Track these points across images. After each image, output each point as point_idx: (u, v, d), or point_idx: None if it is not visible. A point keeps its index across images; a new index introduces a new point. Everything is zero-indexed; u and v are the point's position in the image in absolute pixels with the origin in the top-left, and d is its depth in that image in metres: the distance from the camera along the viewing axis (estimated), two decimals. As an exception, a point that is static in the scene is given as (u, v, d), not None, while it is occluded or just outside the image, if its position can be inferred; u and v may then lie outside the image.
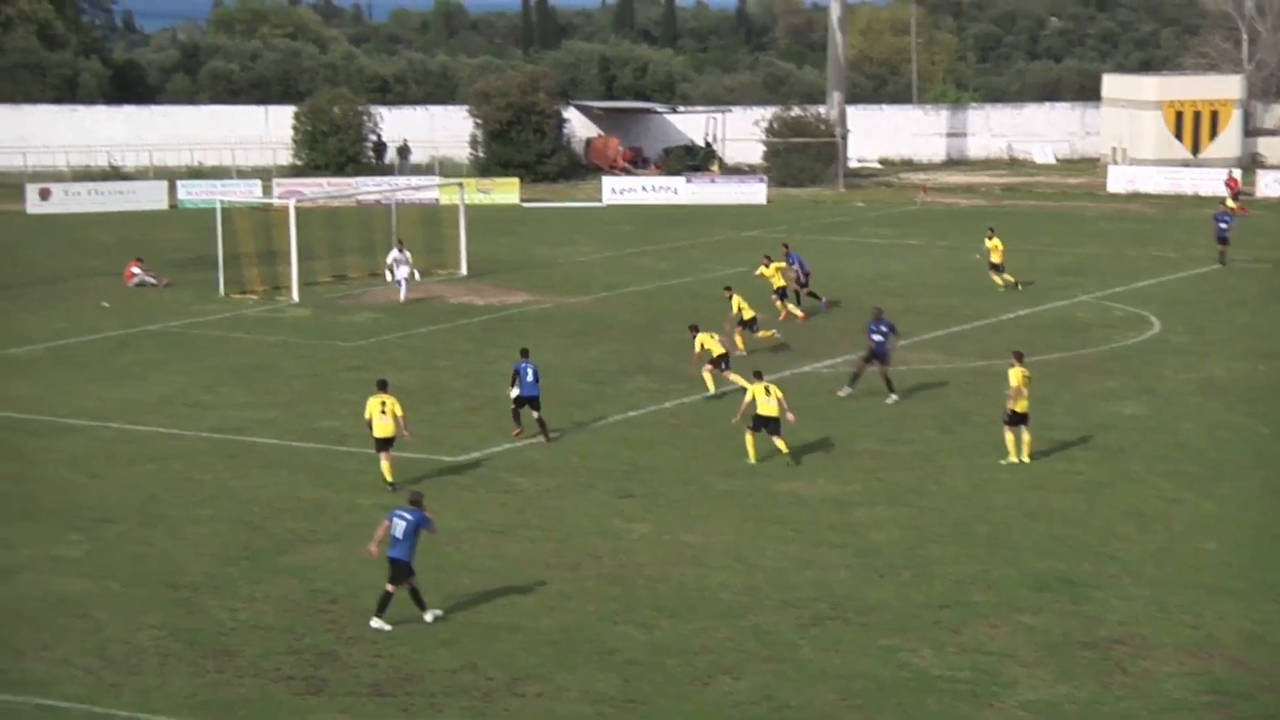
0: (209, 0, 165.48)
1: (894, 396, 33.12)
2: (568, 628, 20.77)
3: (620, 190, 72.40)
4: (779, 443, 28.33)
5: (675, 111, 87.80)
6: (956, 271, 51.39)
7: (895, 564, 23.19)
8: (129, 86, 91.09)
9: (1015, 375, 28.44)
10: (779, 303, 42.68)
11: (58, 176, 74.79)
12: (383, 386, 27.30)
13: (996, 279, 47.14)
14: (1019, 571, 22.88)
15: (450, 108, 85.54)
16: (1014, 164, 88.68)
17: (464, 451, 29.31)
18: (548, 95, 79.05)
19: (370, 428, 26.86)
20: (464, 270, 50.24)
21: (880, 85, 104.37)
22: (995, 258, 47.46)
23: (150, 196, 69.89)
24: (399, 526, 20.80)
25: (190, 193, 69.96)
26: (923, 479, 27.61)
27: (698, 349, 33.01)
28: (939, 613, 21.28)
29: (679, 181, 73.18)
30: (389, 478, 26.72)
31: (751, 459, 28.49)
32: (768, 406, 28.32)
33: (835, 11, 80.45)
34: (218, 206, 49.93)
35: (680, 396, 33.61)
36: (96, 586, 22.19)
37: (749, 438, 28.59)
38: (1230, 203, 62.74)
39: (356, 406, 32.66)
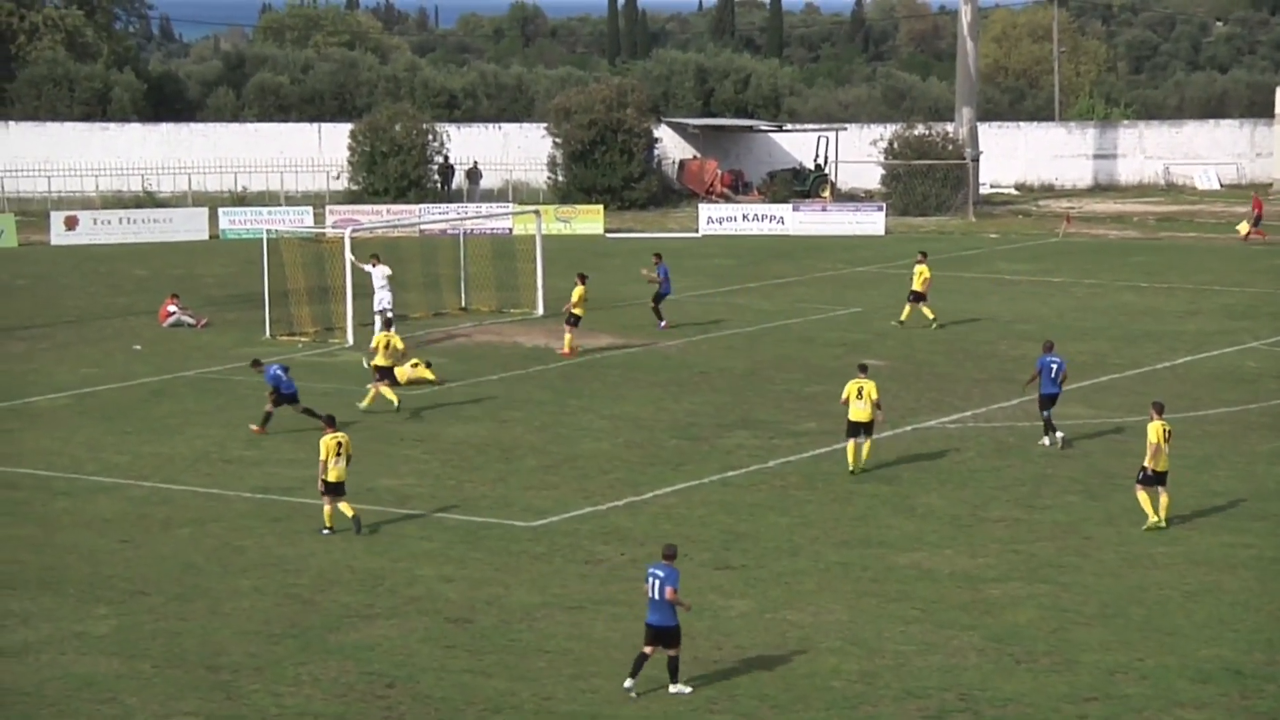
0: (256, 5, 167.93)
1: (1058, 435, 33.95)
2: (656, 719, 20.74)
3: (718, 219, 72.58)
4: (864, 448, 30.93)
5: (781, 130, 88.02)
6: (1104, 313, 51.06)
7: (1034, 650, 22.99)
8: (166, 102, 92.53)
9: (1154, 430, 28.36)
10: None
11: (86, 203, 76.00)
12: (331, 423, 28.77)
13: (926, 310, 47.55)
14: (1178, 660, 22.61)
15: (526, 126, 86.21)
16: (1171, 190, 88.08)
17: (538, 516, 29.41)
18: (636, 111, 79.49)
19: (325, 471, 28.08)
20: (540, 310, 50.49)
21: (1017, 100, 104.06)
22: (918, 285, 47.65)
23: (189, 226, 70.86)
24: (654, 586, 21.31)
25: (233, 221, 70.88)
26: (1066, 551, 27.37)
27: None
28: (1084, 706, 21.07)
29: (785, 210, 73.27)
30: (329, 524, 28.25)
31: (851, 466, 31.45)
32: (859, 411, 30.72)
33: (965, 16, 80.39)
34: (264, 237, 50.53)
35: (786, 455, 33.56)
36: (126, 668, 22.41)
37: (850, 446, 31.27)
38: (1242, 227, 64.40)
39: (418, 464, 32.95)
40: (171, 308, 49.22)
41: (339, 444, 28.12)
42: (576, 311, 44.21)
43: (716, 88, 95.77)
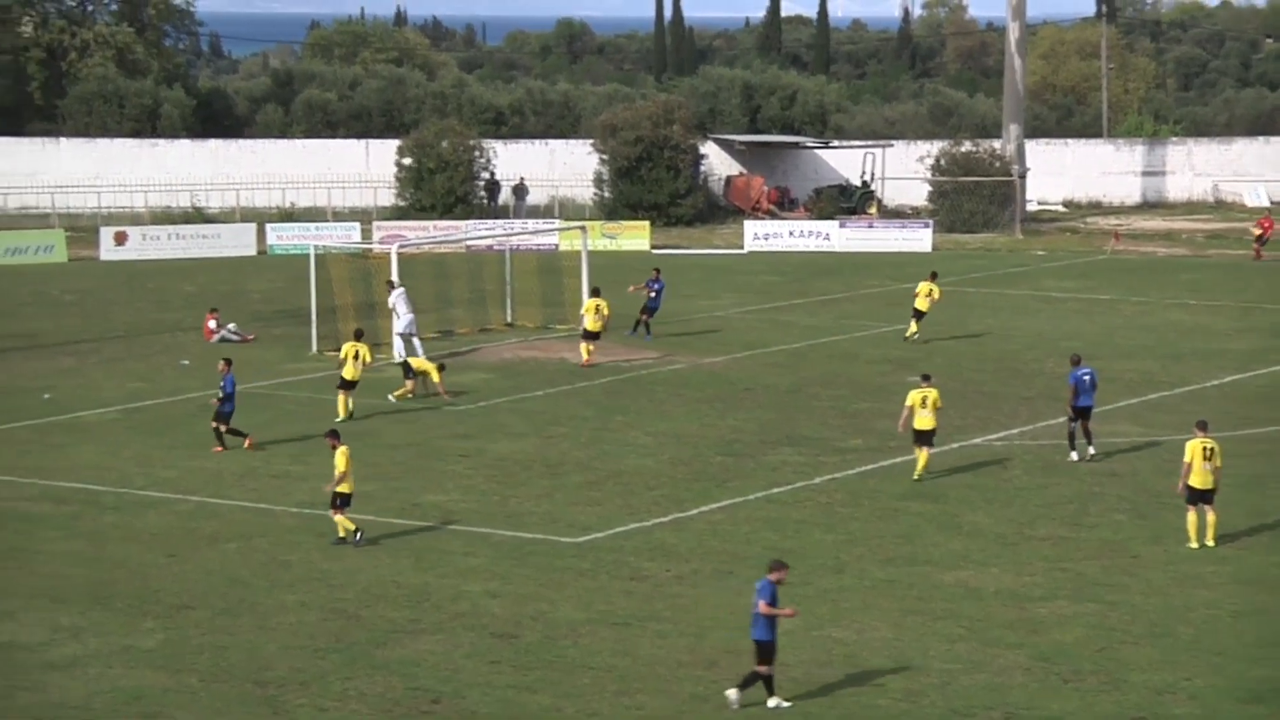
0: (304, 22, 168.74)
1: (1090, 450, 34.00)
2: (702, 736, 20.74)
3: (764, 236, 72.59)
4: (924, 456, 32.19)
5: (828, 146, 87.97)
6: (1152, 331, 50.85)
7: (1081, 669, 22.89)
8: (215, 118, 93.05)
9: (1192, 448, 28.38)
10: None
11: (135, 219, 76.46)
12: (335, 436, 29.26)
13: (914, 325, 48.41)
14: (1227, 681, 22.48)
15: (572, 142, 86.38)
16: (1220, 207, 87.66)
17: (584, 532, 29.43)
18: (683, 128, 79.58)
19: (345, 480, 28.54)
20: (586, 325, 50.50)
21: (1065, 117, 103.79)
22: (921, 304, 48.22)
23: (236, 241, 71.22)
24: (757, 602, 21.36)
25: (281, 237, 71.20)
26: (1113, 570, 27.25)
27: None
28: (1132, 726, 20.97)
29: (831, 226, 73.23)
30: (342, 532, 28.61)
31: (917, 474, 32.35)
32: (924, 419, 31.80)
33: (1013, 33, 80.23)
34: (311, 252, 50.68)
35: (831, 471, 33.52)
36: (173, 681, 22.52)
37: (918, 453, 32.32)
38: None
39: (463, 479, 33.03)
40: (211, 323, 49.45)
41: (347, 456, 28.70)
42: (588, 326, 44.97)
43: (763, 104, 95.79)
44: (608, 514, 30.62)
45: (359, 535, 28.55)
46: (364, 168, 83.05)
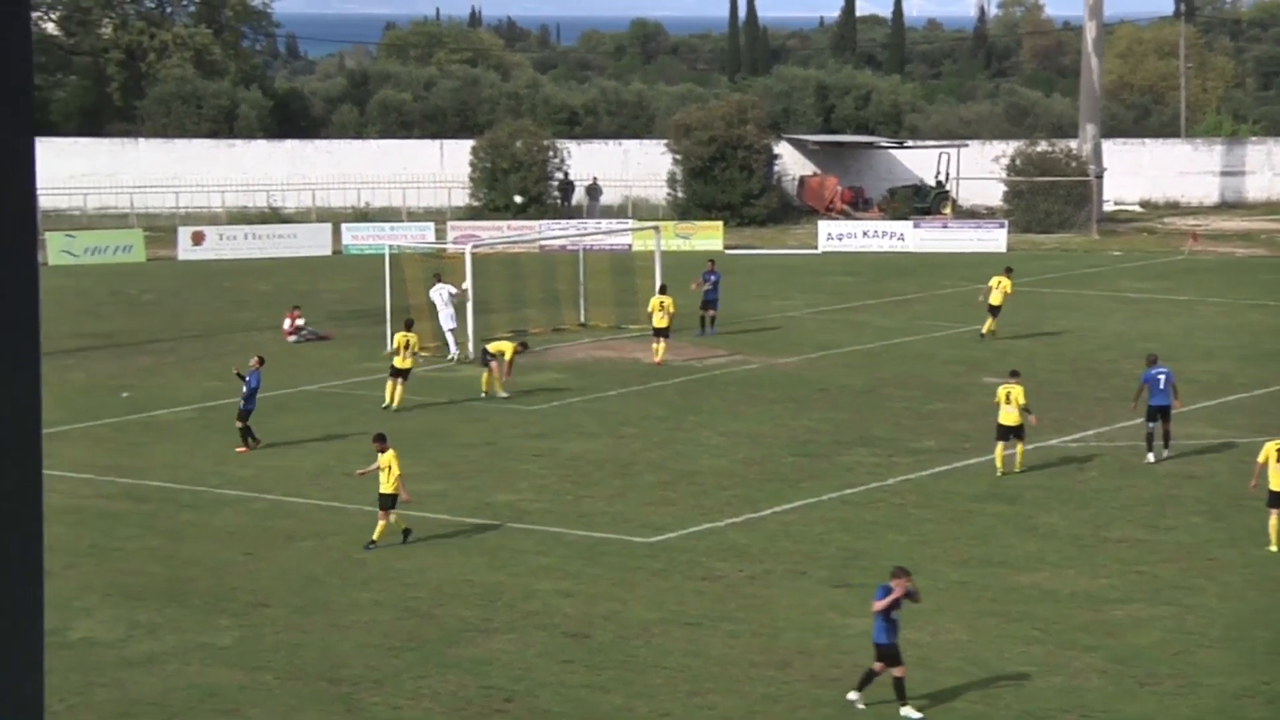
0: (380, 23, 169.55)
1: (1165, 453, 33.89)
2: (774, 737, 20.70)
3: (838, 236, 72.39)
4: (1016, 454, 32.38)
5: (902, 146, 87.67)
6: (1230, 332, 50.40)
7: (1157, 672, 22.71)
8: (291, 119, 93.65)
9: (1266, 450, 28.33)
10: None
11: (212, 219, 77.04)
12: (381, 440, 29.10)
13: (990, 323, 48.51)
14: (1305, 685, 22.25)
15: (646, 142, 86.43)
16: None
17: (656, 532, 29.44)
18: (757, 128, 79.49)
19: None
20: (654, 323, 50.49)
21: (1142, 116, 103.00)
22: (996, 299, 48.06)
23: (312, 241, 71.62)
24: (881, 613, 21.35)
25: (356, 237, 71.58)
26: (1189, 573, 27.03)
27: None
28: (1209, 731, 20.79)
29: (905, 226, 72.95)
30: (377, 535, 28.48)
31: (999, 470, 32.68)
32: (1008, 415, 32.22)
33: (1090, 32, 79.72)
34: (386, 252, 50.95)
35: (905, 472, 33.40)
36: (248, 679, 22.67)
37: (998, 449, 32.69)
38: None
39: (536, 479, 33.11)
40: (286, 323, 49.67)
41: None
42: (655, 324, 45.28)
43: (837, 104, 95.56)
44: (680, 514, 30.62)
45: (371, 543, 28.46)
46: (438, 168, 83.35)
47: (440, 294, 46.37)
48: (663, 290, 46.62)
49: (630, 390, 42.05)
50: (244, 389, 35.91)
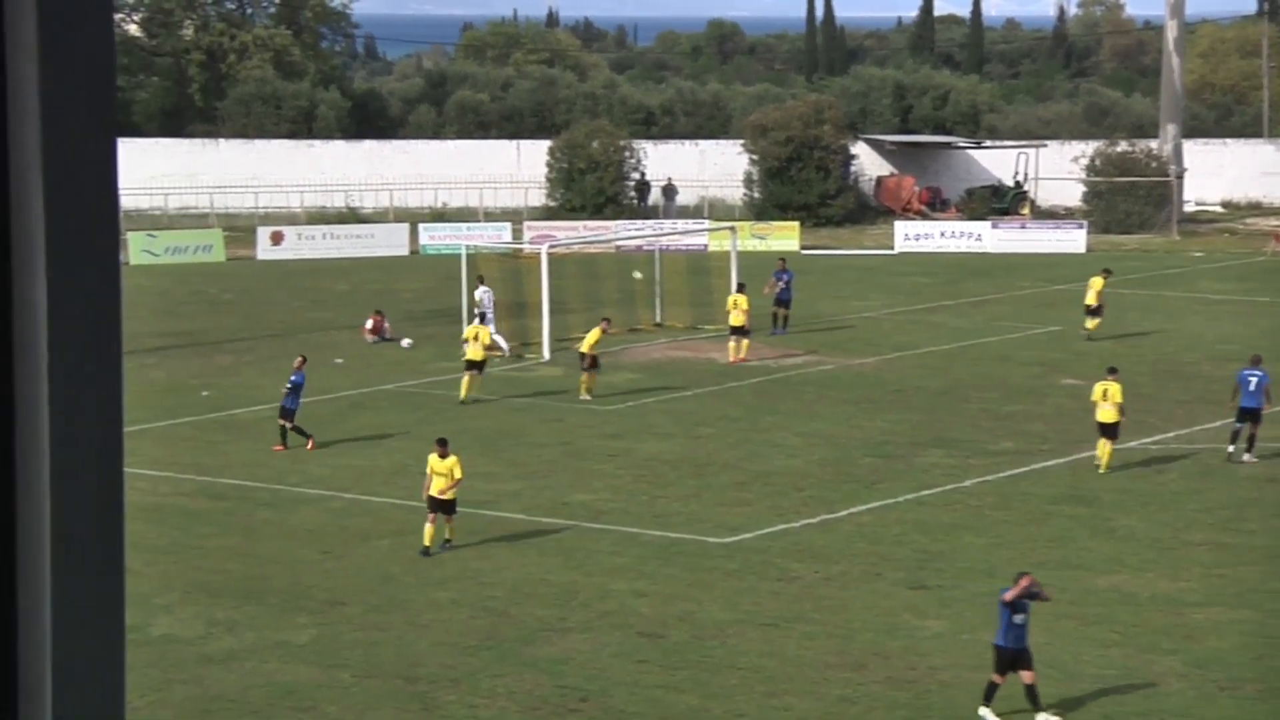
0: (458, 24, 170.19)
1: (1245, 456, 33.71)
2: (849, 739, 20.65)
3: (915, 236, 72.10)
4: (1106, 450, 32.47)
5: (980, 146, 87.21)
6: (1314, 333, 49.87)
7: (1239, 677, 22.50)
8: (369, 119, 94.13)
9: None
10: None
11: (291, 219, 77.51)
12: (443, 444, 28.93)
13: (1093, 322, 48.46)
14: (1388, 691, 22.00)
15: (722, 142, 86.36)
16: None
17: (732, 533, 29.41)
18: (833, 128, 79.29)
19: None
20: (730, 322, 50.47)
21: (1224, 116, 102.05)
22: (1091, 299, 48.34)
23: (390, 241, 71.93)
24: (1004, 611, 21.22)
25: (433, 237, 71.81)
26: (1271, 577, 26.76)
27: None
28: (1290, 737, 20.59)
29: (983, 227, 72.56)
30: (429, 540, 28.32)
31: (1101, 468, 32.77)
32: (1105, 412, 32.40)
33: (1171, 31, 79.08)
34: (463, 252, 51.12)
35: (982, 474, 33.23)
36: (325, 676, 22.80)
37: (1100, 446, 32.83)
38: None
39: (611, 479, 33.14)
40: (369, 323, 49.92)
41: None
42: (732, 322, 45.47)
43: (915, 104, 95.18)
44: (755, 514, 30.58)
45: (446, 543, 28.50)
46: (515, 168, 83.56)
47: (486, 295, 46.75)
48: (739, 289, 46.67)
49: (706, 390, 42.02)
50: (287, 387, 36.14)
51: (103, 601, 2.18)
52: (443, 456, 28.51)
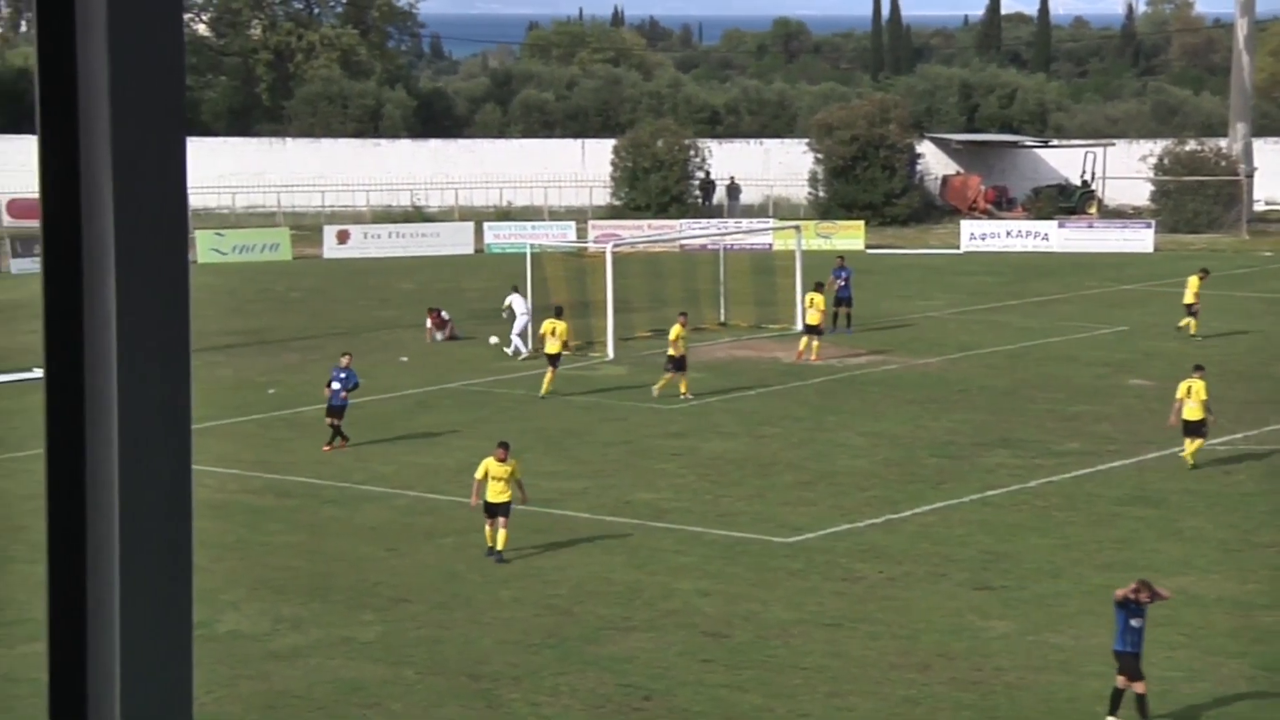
0: (523, 23, 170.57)
1: None
2: (913, 740, 20.58)
3: (981, 236, 71.80)
4: (1191, 447, 32.60)
5: (1047, 145, 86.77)
6: (1385, 334, 49.41)
7: (1306, 681, 22.31)
8: (435, 119, 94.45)
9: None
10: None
11: (357, 217, 77.87)
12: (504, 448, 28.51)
13: (1190, 322, 48.40)
14: None
15: (787, 141, 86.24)
16: None
17: (796, 532, 29.36)
18: (899, 127, 79.05)
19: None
20: (799, 325, 50.39)
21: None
22: (1189, 297, 48.44)
23: (455, 240, 72.15)
24: (1120, 614, 20.96)
25: (498, 236, 72.00)
26: (1341, 580, 26.52)
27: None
28: (1360, 741, 20.39)
29: (1050, 226, 72.20)
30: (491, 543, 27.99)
31: (1190, 463, 32.85)
32: (1190, 410, 32.48)
33: (1241, 29, 78.46)
34: (527, 251, 51.24)
35: (1047, 475, 33.05)
36: (390, 673, 22.89)
37: (1188, 444, 32.87)
38: None
39: (675, 478, 33.14)
40: (444, 315, 50.07)
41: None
42: (808, 321, 45.83)
43: (981, 103, 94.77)
44: (819, 514, 30.52)
45: (496, 553, 27.97)
46: (580, 167, 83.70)
47: (517, 303, 47.01)
48: (817, 288, 46.68)
49: (770, 390, 41.97)
50: (335, 385, 36.18)
51: (171, 598, 2.19)
52: (502, 460, 28.15)
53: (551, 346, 41.09)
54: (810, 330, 45.56)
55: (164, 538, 2.17)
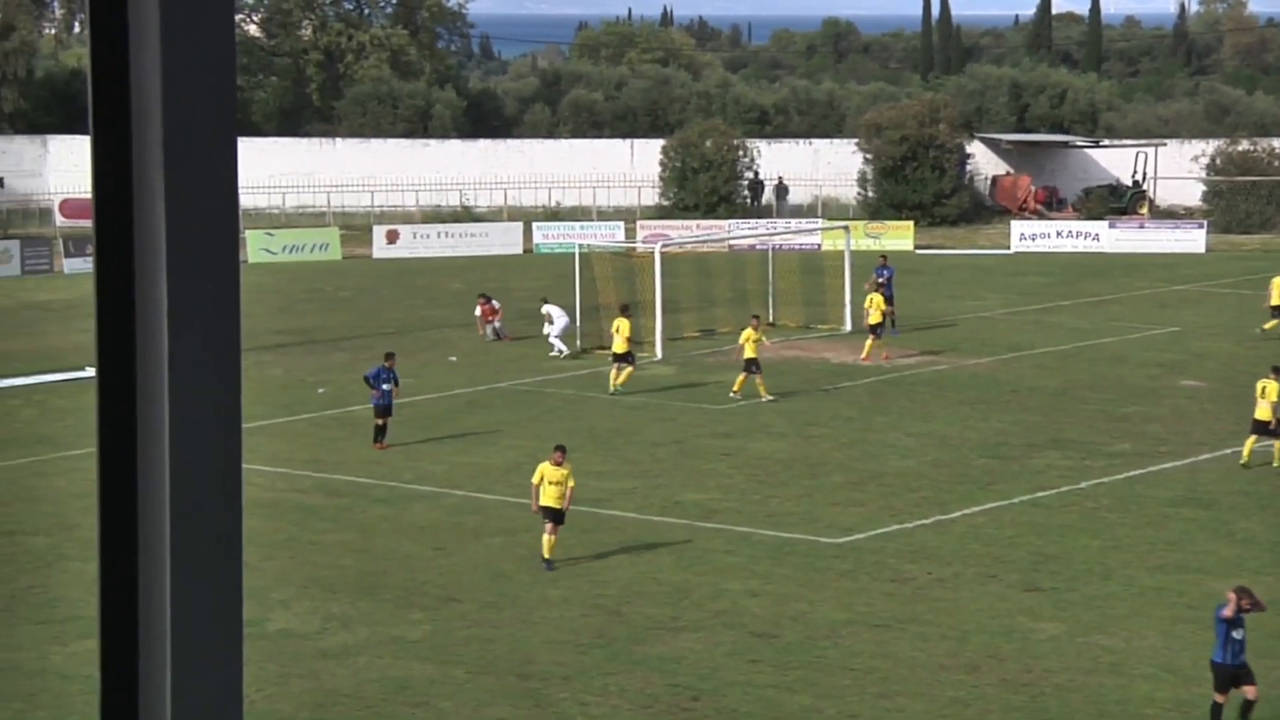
0: (573, 23, 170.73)
1: None
2: (962, 741, 20.51)
3: (1031, 236, 71.55)
4: (1275, 448, 32.55)
5: (1098, 145, 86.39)
6: None
7: (1359, 684, 22.13)
8: (484, 119, 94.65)
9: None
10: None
11: (406, 218, 78.11)
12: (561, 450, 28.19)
13: (1277, 324, 48.56)
14: None
15: (836, 141, 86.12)
16: None
17: (845, 533, 29.31)
18: (949, 127, 78.85)
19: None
20: (848, 326, 50.36)
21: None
22: (1276, 298, 48.68)
23: (504, 240, 72.31)
24: (1221, 625, 20.66)
25: (546, 236, 72.12)
26: (1395, 583, 26.30)
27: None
28: None
29: (1101, 227, 71.89)
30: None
31: (1243, 459, 32.88)
32: (1262, 409, 32.54)
33: (1293, 27, 77.94)
34: (576, 251, 51.30)
35: (1098, 476, 32.91)
36: (439, 672, 22.94)
37: (1248, 441, 32.93)
38: None
39: (723, 478, 33.12)
40: (494, 303, 50.18)
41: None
42: (870, 321, 45.76)
43: (1031, 103, 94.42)
44: (869, 515, 30.46)
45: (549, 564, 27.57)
46: (628, 167, 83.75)
47: (555, 312, 47.52)
48: (877, 288, 46.71)
49: (818, 390, 41.91)
50: (385, 386, 36.22)
51: (221, 596, 2.20)
52: (558, 464, 27.76)
53: (618, 345, 41.15)
54: (872, 330, 45.62)
55: (214, 536, 2.18)
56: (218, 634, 2.20)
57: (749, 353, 40.10)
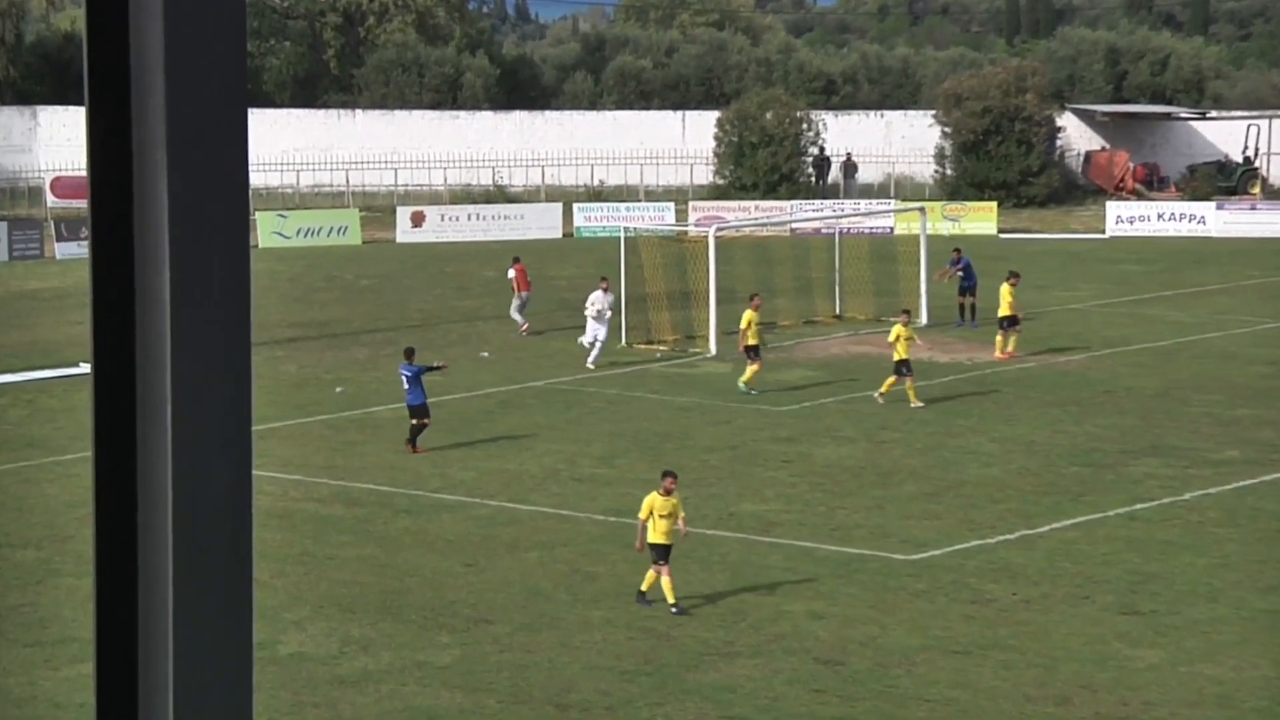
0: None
1: None
2: (1050, 782, 20.47)
3: (1129, 219, 71.34)
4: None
5: (1205, 118, 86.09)
6: None
7: None
8: (520, 88, 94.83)
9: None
10: None
11: (434, 198, 78.33)
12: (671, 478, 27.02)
13: None
14: None
15: (911, 113, 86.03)
16: None
17: (919, 549, 29.27)
18: (1037, 97, 78.70)
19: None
20: (924, 318, 50.28)
21: None
22: None
23: (541, 223, 72.40)
24: None
25: (589, 218, 72.25)
26: None
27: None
28: None
29: (1207, 208, 71.64)
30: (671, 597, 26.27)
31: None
32: None
33: None
34: (621, 235, 51.33)
35: (1203, 486, 32.79)
36: (470, 701, 22.99)
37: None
38: None
39: (785, 488, 33.11)
40: (524, 277, 50.34)
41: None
42: (1001, 313, 45.96)
43: (1130, 70, 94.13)
44: (946, 529, 30.41)
45: (646, 599, 26.79)
46: (680, 142, 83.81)
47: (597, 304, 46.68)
48: (1009, 277, 46.70)
49: (891, 390, 41.83)
50: (407, 385, 36.37)
51: (229, 616, 2.21)
52: (668, 493, 26.72)
53: (752, 338, 41.53)
54: (1008, 324, 45.56)
55: (222, 549, 2.19)
56: (225, 657, 2.21)
57: (900, 353, 39.92)
